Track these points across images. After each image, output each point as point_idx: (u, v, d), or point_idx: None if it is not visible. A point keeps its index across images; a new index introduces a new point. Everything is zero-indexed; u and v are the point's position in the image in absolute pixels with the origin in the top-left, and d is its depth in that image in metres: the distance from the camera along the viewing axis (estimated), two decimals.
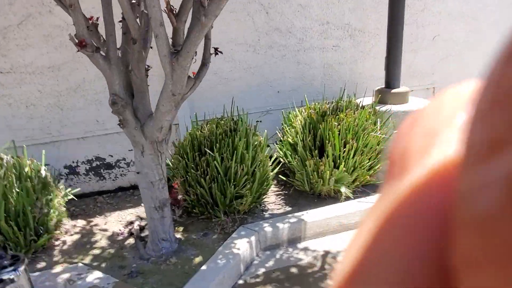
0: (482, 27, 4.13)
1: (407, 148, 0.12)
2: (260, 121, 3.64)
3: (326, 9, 3.54)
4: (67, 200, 2.90)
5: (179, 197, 2.65)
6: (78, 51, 1.72)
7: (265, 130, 3.11)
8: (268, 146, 3.65)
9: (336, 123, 2.83)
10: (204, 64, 2.29)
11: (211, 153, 2.55)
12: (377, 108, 3.05)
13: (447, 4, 3.90)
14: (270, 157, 3.13)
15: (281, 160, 3.16)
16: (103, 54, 1.83)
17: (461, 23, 4.03)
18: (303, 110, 3.16)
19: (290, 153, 3.04)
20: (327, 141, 2.83)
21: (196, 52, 1.87)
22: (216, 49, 2.36)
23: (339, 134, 2.84)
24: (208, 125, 2.76)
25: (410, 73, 4.01)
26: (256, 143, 2.76)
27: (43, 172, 2.75)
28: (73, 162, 3.29)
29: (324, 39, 3.61)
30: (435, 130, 0.11)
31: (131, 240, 2.67)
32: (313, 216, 2.72)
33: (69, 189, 2.98)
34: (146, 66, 2.00)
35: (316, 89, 3.72)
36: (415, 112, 0.12)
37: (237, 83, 3.49)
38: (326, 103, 3.20)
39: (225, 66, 3.41)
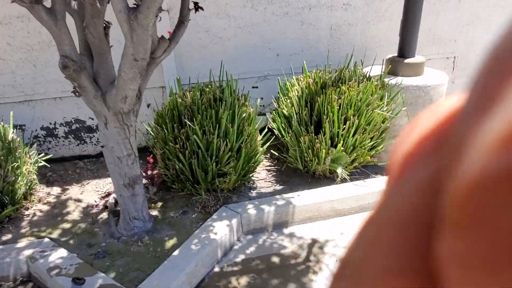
0: None
1: (403, 153, 0.12)
2: (257, 87, 3.31)
3: None
4: (38, 167, 2.70)
5: (155, 172, 2.40)
6: (13, 1, 1.39)
7: (258, 100, 2.79)
8: (264, 114, 3.34)
9: (337, 97, 2.49)
10: (182, 22, 1.95)
11: (191, 125, 2.26)
12: (385, 80, 2.67)
13: None
14: (263, 129, 2.84)
15: (275, 132, 2.86)
16: (47, 6, 1.49)
17: None
18: (302, 79, 2.80)
19: (284, 126, 2.73)
20: (324, 117, 2.51)
21: (161, 8, 1.52)
22: (196, 3, 1.99)
23: (339, 109, 2.50)
24: (191, 93, 2.44)
25: (429, 38, 3.55)
26: (244, 115, 2.46)
27: (10, 136, 2.52)
28: (50, 123, 3.05)
29: None
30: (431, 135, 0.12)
31: (105, 215, 2.48)
32: (303, 199, 2.47)
33: (42, 155, 2.76)
34: (105, 23, 1.66)
35: (321, 53, 3.32)
36: (416, 117, 0.13)
37: (231, 43, 3.11)
38: (329, 72, 2.83)
39: (218, 23, 3.02)
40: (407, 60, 2.71)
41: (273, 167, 2.97)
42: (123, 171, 2.03)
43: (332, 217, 2.51)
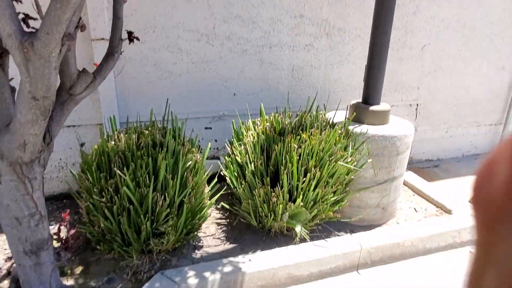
0: (479, 40, 3.60)
1: (489, 195, 0.13)
2: (210, 128, 2.99)
3: (301, 0, 2.90)
4: None
5: (72, 232, 1.96)
6: None
7: (209, 143, 2.45)
8: (218, 158, 3.01)
9: (296, 146, 2.21)
10: (111, 53, 1.61)
11: (121, 175, 1.87)
12: (350, 128, 2.45)
13: (442, 8, 3.34)
14: (215, 175, 2.49)
15: (227, 179, 2.52)
16: None
17: (456, 33, 3.48)
18: (259, 122, 2.51)
19: (237, 175, 2.40)
20: (282, 167, 2.20)
21: (70, 36, 1.17)
22: (130, 33, 1.68)
23: (299, 159, 2.22)
24: (126, 135, 2.07)
25: (392, 85, 3.45)
26: (189, 163, 2.10)
27: None
28: None
29: (296, 36, 2.97)
30: None
31: (6, 284, 1.97)
32: (256, 263, 2.10)
33: None
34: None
35: (282, 95, 3.08)
36: (489, 156, 0.13)
37: (183, 79, 2.80)
38: (289, 116, 2.57)
39: (169, 57, 2.72)
40: (372, 108, 2.52)
41: (223, 221, 2.60)
42: (23, 235, 1.58)
43: (289, 285, 2.15)
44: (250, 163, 2.31)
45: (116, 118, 2.60)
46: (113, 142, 2.04)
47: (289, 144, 2.21)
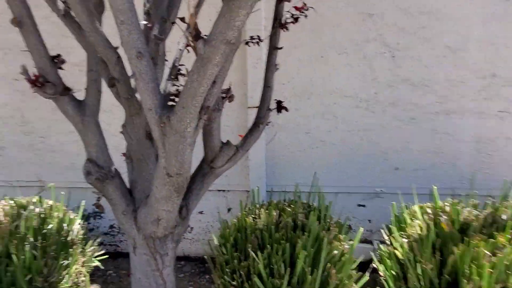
0: None
1: None
2: (364, 206, 2.56)
3: (493, 55, 2.31)
4: (94, 262, 2.38)
5: None
6: (34, 91, 1.11)
7: (360, 228, 2.02)
8: (370, 243, 2.53)
9: (488, 252, 1.57)
10: (257, 125, 1.48)
11: (256, 259, 1.64)
12: None
13: None
14: (362, 265, 2.02)
15: (380, 276, 2.00)
16: (76, 97, 1.19)
17: None
18: (429, 210, 1.96)
19: (396, 275, 1.87)
20: (464, 280, 1.58)
21: (208, 109, 1.05)
22: (280, 103, 1.52)
23: (491, 272, 1.56)
24: (266, 211, 1.87)
25: None
26: (334, 252, 1.73)
27: (76, 226, 2.30)
28: None
29: (484, 100, 2.36)
30: None
31: None
32: None
33: (102, 251, 2.45)
34: None
35: (461, 174, 2.43)
36: None
37: (336, 149, 2.52)
38: (474, 205, 1.93)
39: (323, 125, 2.51)
40: None
41: None
42: None
43: None
44: (416, 262, 1.76)
45: (263, 187, 2.49)
46: (251, 217, 1.87)
47: (476, 248, 1.59)
